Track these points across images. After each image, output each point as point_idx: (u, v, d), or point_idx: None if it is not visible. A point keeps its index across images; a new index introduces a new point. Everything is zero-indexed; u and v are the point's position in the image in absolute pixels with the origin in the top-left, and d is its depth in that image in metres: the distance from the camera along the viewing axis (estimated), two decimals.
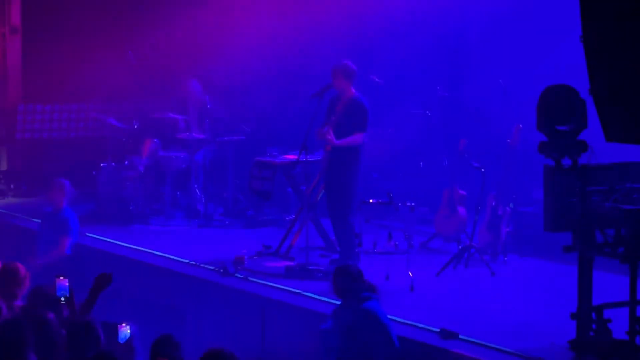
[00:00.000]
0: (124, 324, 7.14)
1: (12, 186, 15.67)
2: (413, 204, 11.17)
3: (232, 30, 16.02)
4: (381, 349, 8.21)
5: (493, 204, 11.31)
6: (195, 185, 13.63)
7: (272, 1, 15.57)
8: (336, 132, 10.69)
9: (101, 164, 13.66)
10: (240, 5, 15.79)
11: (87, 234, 12.44)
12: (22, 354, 6.86)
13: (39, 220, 12.36)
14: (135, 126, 13.92)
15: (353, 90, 10.80)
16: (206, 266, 11.05)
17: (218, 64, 15.54)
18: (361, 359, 8.23)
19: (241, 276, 10.66)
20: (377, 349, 8.21)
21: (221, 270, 10.75)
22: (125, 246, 12.04)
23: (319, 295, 9.88)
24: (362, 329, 8.25)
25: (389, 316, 8.52)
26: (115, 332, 7.19)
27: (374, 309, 8.33)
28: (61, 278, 7.65)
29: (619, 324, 8.08)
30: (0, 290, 8.39)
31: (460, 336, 8.59)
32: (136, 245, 12.03)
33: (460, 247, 11.17)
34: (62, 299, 7.67)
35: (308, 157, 10.86)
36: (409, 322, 8.96)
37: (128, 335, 7.11)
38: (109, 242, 12.27)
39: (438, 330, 8.69)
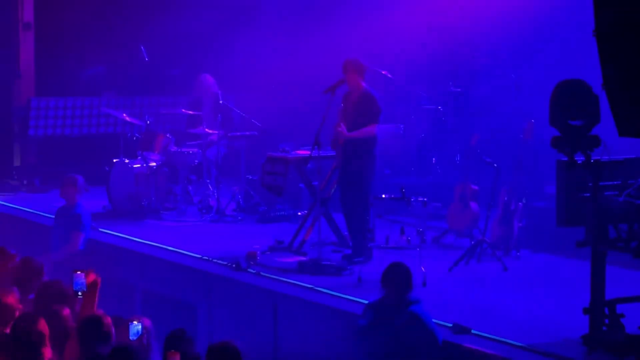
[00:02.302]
0: (135, 321, 7.12)
1: (25, 182, 15.72)
2: (425, 199, 11.16)
3: (243, 25, 16.04)
4: (426, 354, 8.14)
5: (505, 199, 11.30)
6: (208, 181, 13.65)
7: None
8: (349, 127, 10.75)
9: (114, 160, 13.69)
10: (251, 1, 15.82)
11: (100, 230, 12.47)
12: (38, 348, 6.91)
13: (52, 216, 12.40)
14: (148, 121, 13.93)
15: (364, 85, 10.88)
16: (219, 261, 11.06)
17: (230, 59, 15.57)
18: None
19: (254, 271, 10.67)
20: (422, 353, 8.14)
21: (234, 266, 10.77)
22: (138, 241, 12.07)
23: (331, 290, 9.89)
24: (409, 332, 8.16)
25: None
26: (127, 327, 7.19)
27: (423, 313, 8.25)
28: (78, 272, 7.63)
29: (632, 319, 8.07)
30: (18, 282, 8.45)
31: (472, 331, 8.59)
32: (149, 241, 12.05)
33: (472, 242, 11.17)
34: (79, 293, 7.65)
35: (320, 152, 10.88)
36: None
37: (140, 331, 7.09)
38: (122, 237, 12.29)
39: (451, 325, 8.69)
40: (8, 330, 7.24)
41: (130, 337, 7.03)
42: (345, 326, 8.85)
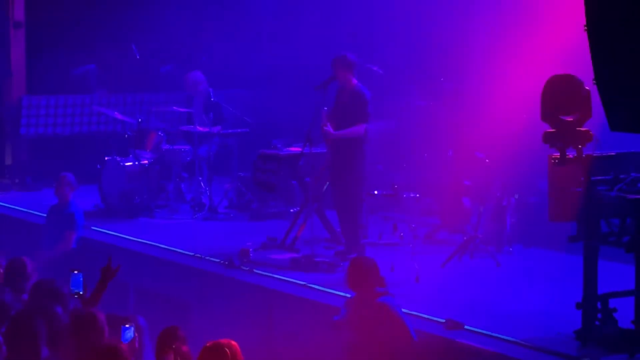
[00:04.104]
0: (127, 325, 7.08)
1: (17, 180, 15.69)
2: (418, 195, 11.17)
3: (235, 21, 16.03)
4: (399, 344, 8.15)
5: (498, 194, 11.31)
6: (200, 178, 13.63)
7: None
8: (339, 124, 10.74)
9: (106, 158, 13.67)
10: None
11: (93, 228, 12.46)
12: (35, 346, 6.89)
13: (45, 215, 12.38)
14: (140, 119, 13.91)
15: (354, 81, 10.86)
16: (211, 259, 11.06)
17: (222, 56, 15.55)
18: (377, 353, 8.18)
19: (246, 269, 10.67)
20: (394, 344, 8.15)
21: (226, 263, 10.77)
22: (131, 239, 12.05)
23: (324, 286, 9.89)
24: (378, 324, 8.20)
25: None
26: (121, 325, 7.17)
27: (390, 303, 8.28)
28: (75, 272, 7.60)
29: (624, 313, 8.08)
30: (7, 283, 8.43)
31: (465, 326, 8.60)
32: (141, 239, 12.04)
33: (465, 238, 11.17)
34: (75, 293, 7.61)
35: (312, 149, 10.88)
36: (415, 312, 8.96)
37: (132, 336, 7.06)
38: (115, 235, 12.28)
39: (443, 320, 8.70)
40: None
41: (122, 340, 6.99)
42: None
